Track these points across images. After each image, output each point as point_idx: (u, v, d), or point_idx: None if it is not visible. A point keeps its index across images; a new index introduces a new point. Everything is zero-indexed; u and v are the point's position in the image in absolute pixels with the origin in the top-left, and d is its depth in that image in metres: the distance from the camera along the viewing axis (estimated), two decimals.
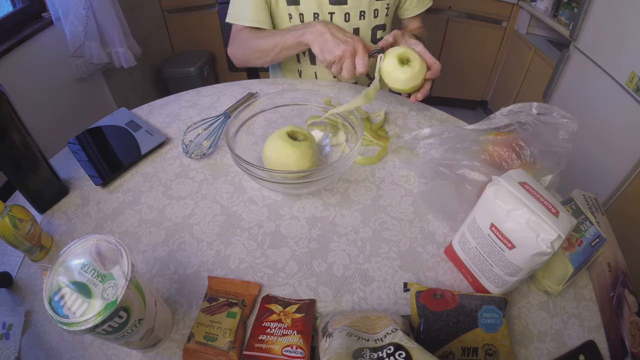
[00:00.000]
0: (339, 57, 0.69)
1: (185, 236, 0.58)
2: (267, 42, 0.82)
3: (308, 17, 0.86)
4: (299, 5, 0.86)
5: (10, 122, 0.53)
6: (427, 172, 0.61)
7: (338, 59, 0.70)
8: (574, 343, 0.47)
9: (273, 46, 0.81)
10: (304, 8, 0.86)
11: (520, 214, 0.41)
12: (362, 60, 0.69)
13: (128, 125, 0.76)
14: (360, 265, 0.54)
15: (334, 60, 0.70)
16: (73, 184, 0.66)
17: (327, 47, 0.70)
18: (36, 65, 1.42)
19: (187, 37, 2.25)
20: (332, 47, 0.69)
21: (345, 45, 0.68)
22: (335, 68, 0.72)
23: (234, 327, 0.45)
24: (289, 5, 0.86)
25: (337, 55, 0.69)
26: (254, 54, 0.86)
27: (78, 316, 0.33)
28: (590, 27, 1.44)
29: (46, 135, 0.99)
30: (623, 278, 0.52)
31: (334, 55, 0.69)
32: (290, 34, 0.77)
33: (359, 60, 0.69)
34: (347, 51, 0.68)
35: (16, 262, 0.55)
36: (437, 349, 0.42)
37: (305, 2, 0.85)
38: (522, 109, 0.58)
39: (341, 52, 0.69)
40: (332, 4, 0.85)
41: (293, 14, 0.87)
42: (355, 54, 0.69)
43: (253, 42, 0.84)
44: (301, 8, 0.86)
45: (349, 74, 0.70)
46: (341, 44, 0.69)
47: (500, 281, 0.46)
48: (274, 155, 0.59)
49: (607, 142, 1.35)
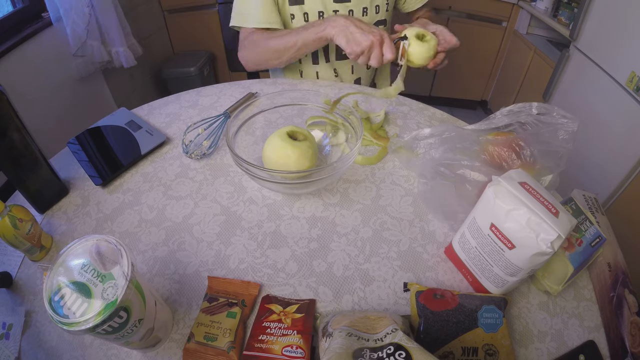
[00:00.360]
0: (368, 48, 0.71)
1: (185, 236, 0.58)
2: (284, 41, 0.81)
3: (312, 15, 0.87)
4: (303, 5, 0.86)
5: (10, 122, 0.53)
6: (427, 172, 0.61)
7: (367, 49, 0.71)
8: (574, 343, 0.47)
9: (292, 44, 0.80)
10: (309, 7, 0.86)
11: (520, 214, 0.41)
12: (390, 48, 0.71)
13: (128, 125, 0.76)
14: (360, 265, 0.54)
15: (362, 52, 0.71)
16: (73, 184, 0.66)
17: (355, 38, 0.71)
18: (36, 65, 1.42)
19: (187, 37, 2.25)
20: (360, 39, 0.71)
21: (372, 36, 0.70)
22: (362, 59, 0.73)
23: (234, 327, 0.45)
24: (291, 5, 0.86)
25: (365, 46, 0.70)
26: (270, 55, 0.85)
27: (78, 316, 0.33)
28: (590, 27, 1.44)
29: (46, 135, 0.99)
30: (623, 278, 0.52)
31: (363, 46, 0.71)
32: (309, 30, 0.78)
33: (387, 48, 0.71)
34: (376, 41, 0.70)
35: (16, 262, 0.55)
36: (437, 349, 0.42)
37: (310, 0, 0.85)
38: (522, 109, 0.58)
39: (369, 43, 0.70)
40: (335, 1, 0.86)
41: (296, 14, 0.87)
42: (382, 43, 0.71)
43: (268, 43, 0.83)
44: (305, 7, 0.86)
45: (377, 62, 0.72)
46: (368, 34, 0.70)
47: (500, 281, 0.46)
48: (274, 156, 0.59)
49: (607, 142, 1.35)
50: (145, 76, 2.09)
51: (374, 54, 0.71)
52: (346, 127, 0.66)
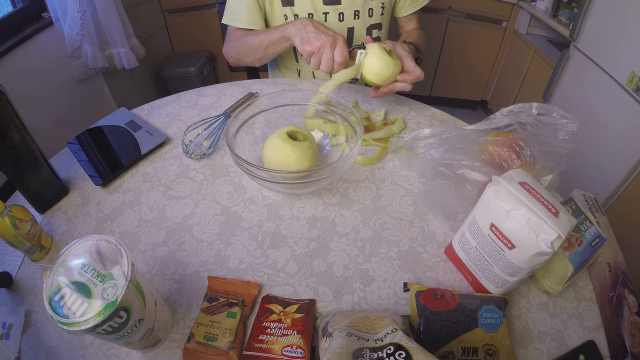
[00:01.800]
0: (317, 48, 0.69)
1: (185, 236, 0.58)
2: (256, 39, 0.84)
3: (302, 17, 0.86)
4: (293, 6, 0.87)
5: (10, 122, 0.53)
6: (427, 172, 0.61)
7: (317, 49, 0.69)
8: (574, 343, 0.47)
9: (260, 43, 0.82)
10: (299, 8, 0.86)
11: (520, 214, 0.41)
12: (341, 51, 0.68)
13: (128, 125, 0.76)
14: (360, 265, 0.54)
15: (313, 52, 0.70)
16: (73, 184, 0.66)
17: (307, 38, 0.70)
18: (36, 65, 1.42)
19: (187, 37, 2.25)
20: (312, 38, 0.69)
21: (325, 36, 0.68)
22: (314, 60, 0.71)
23: (234, 327, 0.45)
24: (284, 7, 0.87)
25: (316, 45, 0.69)
26: (245, 52, 0.88)
27: (78, 316, 0.33)
28: (590, 27, 1.44)
29: (46, 135, 0.99)
30: (623, 278, 0.52)
31: (314, 45, 0.69)
32: (275, 30, 0.79)
33: (338, 50, 0.68)
34: (327, 41, 0.68)
35: (16, 262, 0.55)
36: (437, 349, 0.42)
37: (300, 2, 0.86)
38: (522, 109, 0.58)
39: (320, 43, 0.68)
40: (325, 4, 0.86)
41: (289, 15, 0.87)
42: (335, 45, 0.68)
43: (244, 40, 0.87)
44: (295, 9, 0.87)
45: (327, 66, 0.69)
46: (322, 34, 0.69)
47: (500, 281, 0.46)
48: (274, 155, 0.59)
49: (607, 142, 1.35)
50: (145, 76, 2.09)
51: (325, 55, 0.69)
52: (346, 127, 0.66)
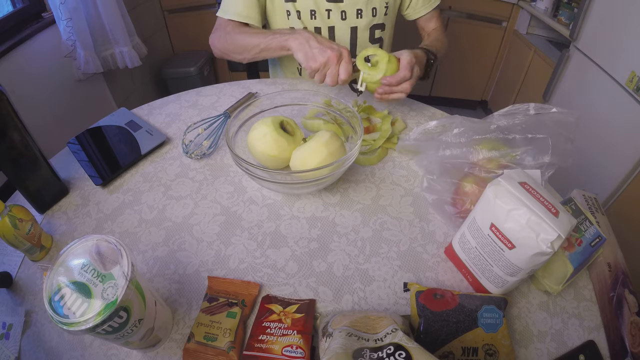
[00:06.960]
0: (323, 65, 0.68)
1: (185, 236, 0.58)
2: (250, 39, 0.81)
3: (305, 14, 0.86)
4: (295, 2, 0.85)
5: (10, 122, 0.53)
6: (435, 169, 0.60)
7: (322, 66, 0.68)
8: (574, 343, 0.47)
9: (255, 45, 0.80)
10: (301, 5, 0.85)
11: (520, 214, 0.41)
12: (346, 67, 0.67)
13: (128, 125, 0.76)
14: (360, 265, 0.54)
15: (318, 68, 0.69)
16: (73, 184, 0.66)
17: (312, 55, 0.69)
18: (36, 65, 1.42)
19: (187, 37, 2.25)
20: (317, 54, 0.68)
21: (331, 51, 0.67)
22: (318, 76, 0.70)
23: (234, 327, 0.45)
24: (286, 2, 0.86)
25: (321, 62, 0.68)
26: (235, 49, 0.85)
27: (78, 316, 0.33)
28: (590, 27, 1.44)
29: (46, 135, 0.99)
30: (623, 278, 0.52)
31: (319, 62, 0.68)
32: (275, 37, 0.76)
33: (343, 67, 0.68)
34: (333, 57, 0.67)
35: (16, 262, 0.55)
36: (437, 349, 0.42)
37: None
38: (520, 109, 0.58)
39: (325, 59, 0.67)
40: (328, 0, 0.85)
41: (291, 11, 0.87)
42: (340, 60, 0.68)
43: (236, 37, 0.84)
44: (298, 5, 0.86)
45: (332, 82, 0.69)
46: (327, 49, 0.68)
47: (500, 281, 0.46)
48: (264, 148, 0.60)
49: (607, 142, 1.35)
50: (145, 76, 2.09)
51: (330, 71, 0.68)
52: (346, 127, 0.67)
